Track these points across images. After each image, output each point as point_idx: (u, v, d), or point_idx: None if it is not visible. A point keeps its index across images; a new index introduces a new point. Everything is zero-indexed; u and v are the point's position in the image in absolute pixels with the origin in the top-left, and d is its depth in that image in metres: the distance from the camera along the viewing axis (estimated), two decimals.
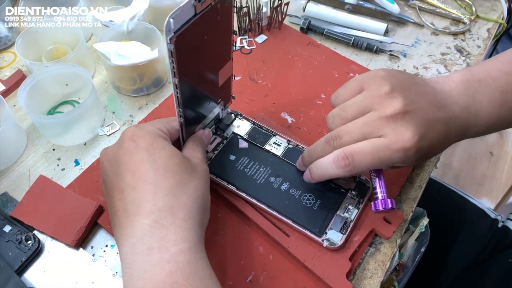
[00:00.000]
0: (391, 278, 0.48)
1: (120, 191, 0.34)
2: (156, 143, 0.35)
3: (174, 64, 0.32)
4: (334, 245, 0.39)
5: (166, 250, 0.31)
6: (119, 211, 0.34)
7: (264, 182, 0.43)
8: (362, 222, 0.42)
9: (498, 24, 0.67)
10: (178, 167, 0.35)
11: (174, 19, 0.30)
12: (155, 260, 0.31)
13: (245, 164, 0.44)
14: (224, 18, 0.37)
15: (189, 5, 0.31)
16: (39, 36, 0.56)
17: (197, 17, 0.32)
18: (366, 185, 0.43)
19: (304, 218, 0.41)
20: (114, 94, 0.56)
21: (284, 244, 0.40)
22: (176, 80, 0.34)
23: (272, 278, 0.39)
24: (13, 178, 0.47)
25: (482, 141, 1.65)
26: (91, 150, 0.50)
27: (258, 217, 0.42)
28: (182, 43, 0.32)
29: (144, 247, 0.31)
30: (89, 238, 0.43)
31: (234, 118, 0.48)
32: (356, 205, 0.42)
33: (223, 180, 0.43)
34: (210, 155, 0.45)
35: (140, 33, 0.56)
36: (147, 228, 0.32)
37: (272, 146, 0.46)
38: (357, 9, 0.63)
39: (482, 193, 1.50)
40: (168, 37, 0.30)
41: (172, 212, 0.33)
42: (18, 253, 0.41)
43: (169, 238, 0.31)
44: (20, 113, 0.54)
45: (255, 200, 0.42)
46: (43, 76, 0.50)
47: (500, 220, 0.72)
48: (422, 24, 0.66)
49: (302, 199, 0.42)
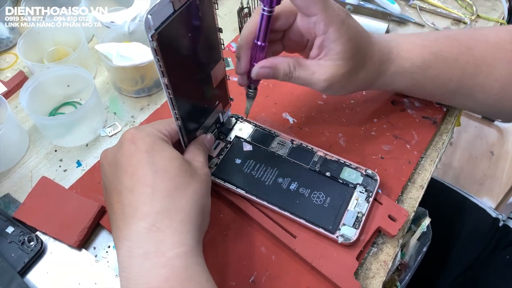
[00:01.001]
0: (393, 278, 0.48)
1: (118, 193, 0.34)
2: (156, 145, 0.35)
3: (160, 63, 0.32)
4: (349, 241, 0.39)
5: (162, 254, 0.31)
6: (117, 213, 0.34)
7: (272, 184, 0.43)
8: (367, 222, 0.42)
9: (499, 24, 0.67)
10: (178, 170, 0.34)
11: (153, 16, 0.30)
12: (151, 264, 0.30)
13: (251, 166, 0.44)
14: (206, 16, 0.36)
15: (166, 2, 0.31)
16: (40, 38, 0.56)
17: (176, 14, 0.32)
18: (374, 178, 0.43)
19: (317, 216, 0.41)
20: (115, 95, 0.56)
21: (291, 245, 0.40)
22: (166, 79, 0.34)
23: (274, 278, 0.40)
24: (15, 179, 0.47)
25: (483, 141, 1.66)
26: (93, 151, 0.50)
27: (264, 219, 0.42)
28: (164, 40, 0.31)
29: (140, 251, 0.31)
30: (92, 239, 0.43)
31: (235, 122, 0.48)
32: (366, 199, 0.42)
33: (232, 184, 0.43)
34: (216, 160, 0.45)
35: (141, 34, 0.56)
36: (143, 231, 0.31)
37: (276, 146, 0.46)
38: (358, 9, 0.63)
39: (482, 192, 1.50)
40: (149, 34, 0.30)
41: (170, 215, 0.32)
42: (20, 254, 0.41)
43: (165, 242, 0.31)
44: (22, 114, 0.54)
45: (265, 202, 0.41)
46: (45, 77, 0.50)
47: (501, 219, 0.72)
48: (423, 24, 0.66)
49: (312, 198, 0.42)
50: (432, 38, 0.45)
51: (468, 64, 0.44)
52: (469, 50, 0.44)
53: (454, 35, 0.46)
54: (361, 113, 0.52)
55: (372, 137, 0.50)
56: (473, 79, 0.45)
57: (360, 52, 0.41)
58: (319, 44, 0.40)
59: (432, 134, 0.50)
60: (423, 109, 0.52)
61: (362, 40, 0.41)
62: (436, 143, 0.50)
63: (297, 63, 0.40)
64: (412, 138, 0.49)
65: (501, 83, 0.44)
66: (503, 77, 0.44)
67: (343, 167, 0.44)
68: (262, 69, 0.40)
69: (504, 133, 1.68)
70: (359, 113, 0.52)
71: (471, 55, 0.44)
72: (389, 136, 0.50)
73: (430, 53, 0.44)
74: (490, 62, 0.44)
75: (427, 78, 0.45)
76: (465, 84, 0.45)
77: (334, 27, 0.38)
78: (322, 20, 0.37)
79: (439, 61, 0.44)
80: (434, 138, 0.51)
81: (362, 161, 0.45)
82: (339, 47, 0.39)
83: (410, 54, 0.44)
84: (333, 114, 0.52)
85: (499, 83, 0.44)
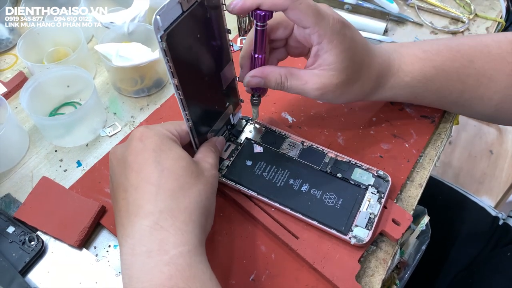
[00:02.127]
0: (392, 276, 0.48)
1: (124, 190, 0.34)
2: (164, 145, 0.35)
3: (170, 64, 0.33)
4: (361, 242, 0.39)
5: (165, 252, 0.31)
6: (121, 211, 0.34)
7: (284, 185, 0.43)
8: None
9: (497, 23, 0.67)
10: (184, 170, 0.35)
11: (161, 17, 0.30)
12: (154, 262, 0.30)
13: (262, 168, 0.44)
14: (214, 16, 0.37)
15: (174, 2, 0.31)
16: (40, 38, 0.56)
17: (185, 15, 0.32)
18: (386, 179, 0.43)
19: (329, 217, 0.41)
20: (115, 95, 0.56)
21: (293, 246, 0.40)
22: (176, 80, 0.34)
23: (274, 276, 0.40)
24: (16, 179, 0.48)
25: (482, 140, 1.66)
26: (93, 151, 0.50)
27: (267, 219, 0.42)
28: (173, 41, 0.32)
29: (143, 249, 0.31)
30: (92, 238, 0.43)
31: (245, 124, 0.48)
32: (378, 200, 0.42)
33: (243, 186, 0.43)
34: (227, 162, 0.45)
35: (140, 34, 0.56)
36: (146, 229, 0.32)
37: (287, 148, 0.46)
38: (357, 8, 0.64)
39: (482, 191, 1.51)
40: (158, 35, 0.31)
41: (173, 214, 0.32)
42: (21, 254, 0.41)
43: (168, 240, 0.31)
44: (22, 115, 0.54)
45: (277, 204, 0.42)
46: (45, 78, 0.50)
47: (501, 217, 0.72)
48: (421, 23, 0.66)
49: (324, 199, 0.42)
50: (434, 50, 0.45)
51: (469, 77, 0.44)
52: (471, 63, 0.44)
53: (457, 46, 0.45)
54: (360, 112, 0.52)
55: (371, 136, 0.50)
56: (473, 91, 0.45)
57: (355, 63, 0.41)
58: (314, 53, 0.40)
59: (430, 132, 0.50)
60: (422, 108, 0.52)
61: (358, 52, 0.41)
62: (435, 142, 0.50)
63: (289, 73, 0.41)
64: (411, 137, 0.50)
65: (500, 95, 0.45)
66: (502, 90, 0.44)
67: (354, 168, 0.44)
68: (253, 78, 0.41)
69: (503, 132, 1.68)
70: (358, 112, 0.52)
71: (473, 68, 0.44)
72: (388, 135, 0.50)
73: (431, 67, 0.44)
74: (491, 75, 0.44)
75: (427, 91, 0.46)
76: (465, 96, 0.46)
77: (328, 38, 0.38)
78: (315, 32, 0.38)
79: (441, 75, 0.44)
80: (433, 136, 0.51)
81: (361, 160, 0.45)
82: (331, 58, 0.39)
83: (411, 67, 0.44)
84: (332, 113, 0.52)
85: (498, 95, 0.45)
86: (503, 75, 0.44)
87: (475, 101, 0.46)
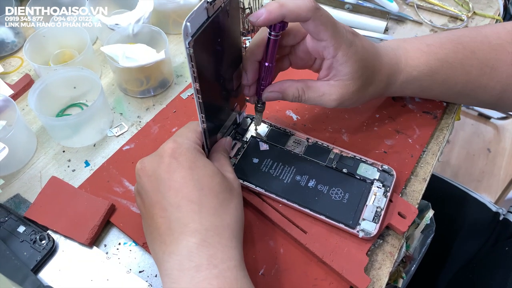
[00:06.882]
0: (398, 269, 0.49)
1: (162, 208, 0.34)
2: (198, 160, 0.36)
3: (194, 69, 0.33)
4: (369, 235, 0.40)
5: (214, 266, 0.32)
6: (161, 229, 0.34)
7: (291, 182, 0.44)
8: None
9: (495, 21, 0.68)
10: (220, 186, 0.36)
11: (191, 23, 0.30)
12: (203, 276, 0.31)
13: (269, 165, 0.45)
14: (233, 20, 0.37)
15: (202, 8, 0.32)
16: (46, 41, 0.57)
17: (210, 20, 0.33)
18: (390, 173, 0.44)
19: (337, 212, 0.41)
20: (121, 96, 0.57)
21: (302, 241, 0.41)
22: (197, 85, 0.34)
23: (283, 271, 0.40)
24: (25, 180, 0.48)
25: (479, 138, 1.67)
26: (101, 151, 0.51)
27: (276, 215, 0.42)
28: (199, 47, 0.32)
29: (192, 264, 0.32)
30: (102, 236, 0.43)
31: (250, 122, 0.49)
32: (384, 194, 0.42)
33: (251, 183, 0.43)
34: (234, 161, 0.46)
35: (145, 36, 0.57)
36: (194, 246, 0.32)
37: (292, 145, 0.47)
38: (357, 8, 0.64)
39: (481, 189, 1.52)
40: (187, 41, 0.31)
41: (218, 232, 0.34)
42: (33, 253, 0.41)
43: (217, 256, 0.32)
44: (29, 116, 0.54)
45: (285, 200, 0.42)
46: (52, 79, 0.51)
47: (502, 213, 0.73)
48: (420, 21, 0.67)
49: (330, 194, 0.43)
50: (437, 43, 0.46)
51: (473, 67, 0.46)
52: (473, 54, 0.46)
53: (458, 38, 0.47)
54: (363, 108, 0.53)
55: (374, 132, 0.51)
56: (477, 81, 0.46)
57: (368, 69, 0.42)
58: (328, 66, 0.41)
59: (433, 128, 0.51)
60: (424, 104, 0.53)
61: (370, 58, 0.42)
62: (437, 137, 0.51)
63: (306, 86, 0.42)
64: (414, 132, 0.50)
65: (502, 84, 0.46)
66: (504, 79, 0.46)
67: (360, 163, 0.45)
68: (271, 93, 0.42)
69: (501, 130, 1.70)
70: (361, 109, 0.53)
71: (475, 58, 0.45)
72: (391, 131, 0.51)
73: (436, 60, 0.45)
74: (493, 64, 0.45)
75: (434, 83, 0.47)
76: (469, 86, 0.47)
77: (343, 51, 0.39)
78: (331, 46, 0.39)
79: (445, 67, 0.45)
80: (435, 132, 0.52)
81: (366, 156, 0.46)
82: (347, 69, 0.40)
83: (418, 62, 0.45)
84: (335, 111, 0.53)
85: (501, 84, 0.46)
86: (504, 65, 0.45)
87: (479, 90, 0.47)
